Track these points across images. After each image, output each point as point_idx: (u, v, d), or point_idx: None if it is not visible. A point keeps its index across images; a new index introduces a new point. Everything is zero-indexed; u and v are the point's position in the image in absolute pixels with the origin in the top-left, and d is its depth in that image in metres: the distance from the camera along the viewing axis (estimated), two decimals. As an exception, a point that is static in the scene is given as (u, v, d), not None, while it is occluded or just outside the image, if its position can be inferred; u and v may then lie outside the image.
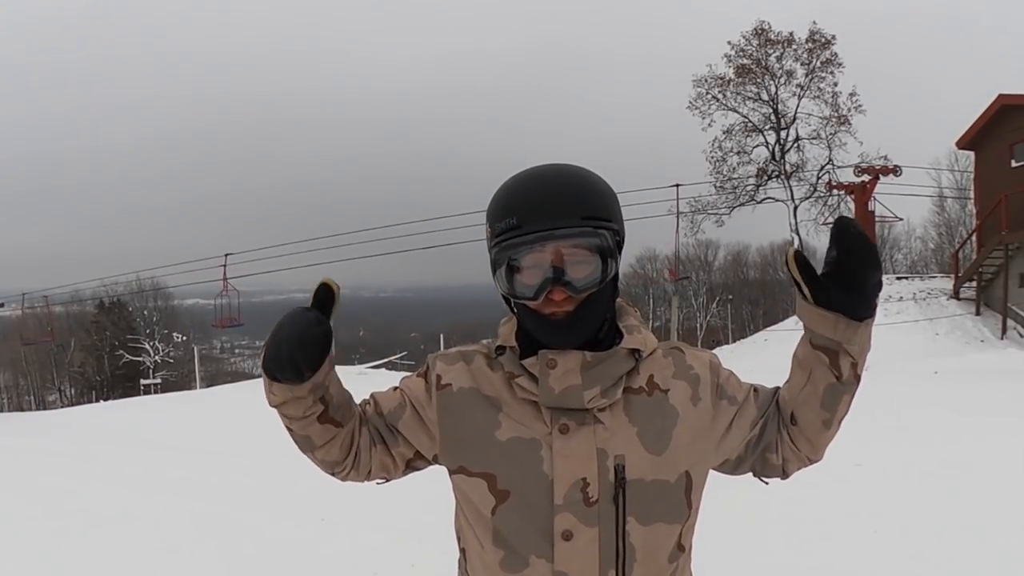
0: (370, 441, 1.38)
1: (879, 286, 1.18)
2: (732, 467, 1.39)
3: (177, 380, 43.27)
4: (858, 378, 1.26)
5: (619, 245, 1.29)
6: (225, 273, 26.62)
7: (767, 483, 1.43)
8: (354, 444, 1.36)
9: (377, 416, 1.39)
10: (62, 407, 34.09)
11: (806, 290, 1.19)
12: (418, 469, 1.43)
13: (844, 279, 1.16)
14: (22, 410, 38.46)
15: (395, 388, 1.42)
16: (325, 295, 1.22)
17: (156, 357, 44.36)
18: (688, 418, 1.30)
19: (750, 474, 1.42)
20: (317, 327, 1.18)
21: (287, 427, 1.33)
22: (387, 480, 1.44)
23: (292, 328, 1.17)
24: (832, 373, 1.25)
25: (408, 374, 1.46)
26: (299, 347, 1.17)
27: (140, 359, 44.06)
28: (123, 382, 43.98)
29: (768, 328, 26.51)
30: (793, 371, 1.31)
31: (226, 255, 26.96)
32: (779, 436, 1.35)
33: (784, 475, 1.39)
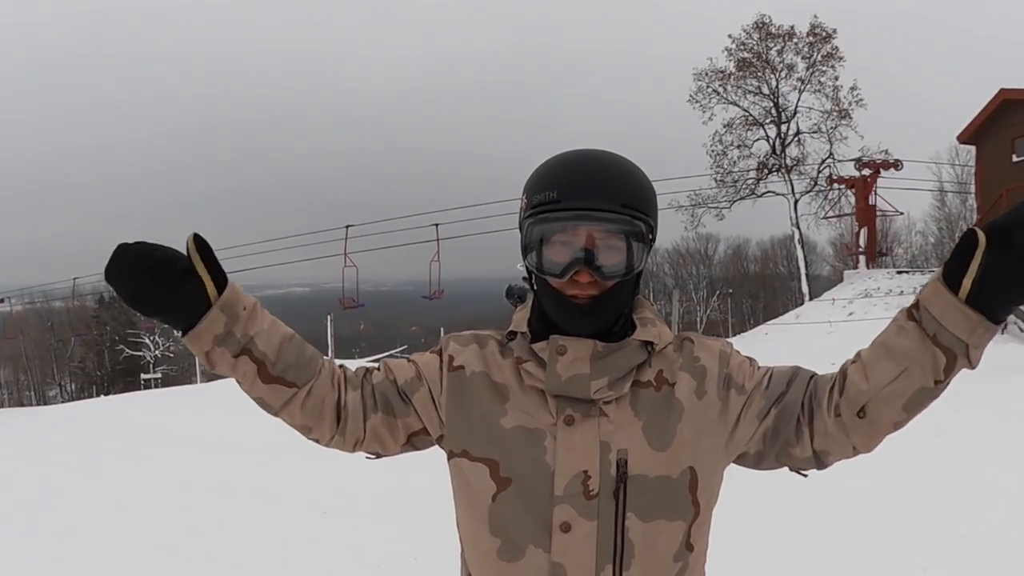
0: (364, 407, 1.32)
1: None
2: (753, 461, 1.31)
3: (178, 375, 43.25)
4: (946, 386, 1.15)
5: (651, 241, 1.27)
6: (346, 247, 24.85)
7: (806, 475, 1.32)
8: (326, 407, 1.30)
9: (389, 383, 1.34)
10: (62, 402, 34.12)
11: (969, 282, 1.05)
12: (417, 448, 1.39)
13: (1012, 279, 1.03)
14: (22, 405, 38.49)
15: (409, 360, 1.38)
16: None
17: (156, 352, 44.37)
18: (692, 412, 1.26)
19: (785, 468, 1.31)
20: (155, 252, 1.14)
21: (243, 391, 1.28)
22: (377, 456, 1.38)
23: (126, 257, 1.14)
24: (932, 376, 1.12)
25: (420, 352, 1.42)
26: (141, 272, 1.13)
27: (140, 354, 44.07)
28: (123, 377, 44.05)
29: (768, 322, 26.50)
30: (880, 361, 1.16)
31: (347, 227, 25.05)
32: (807, 428, 1.23)
33: (822, 466, 1.26)
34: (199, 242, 1.16)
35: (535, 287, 1.30)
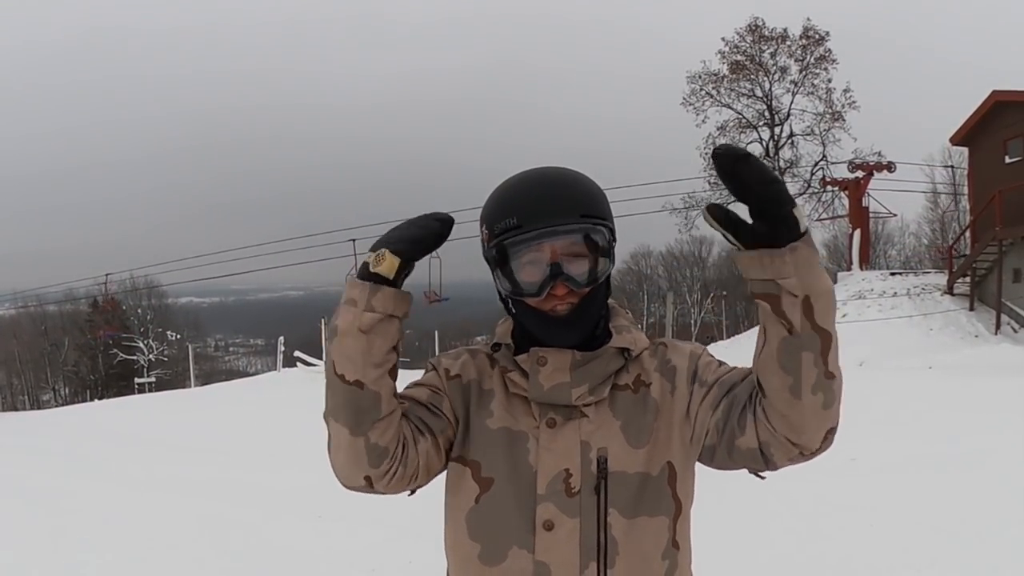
0: (415, 432, 1.29)
1: (778, 197, 1.03)
2: (708, 456, 1.27)
3: (171, 379, 43.14)
4: (819, 329, 1.06)
5: (613, 244, 1.31)
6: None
7: (763, 477, 1.27)
8: (403, 435, 1.27)
9: (416, 405, 1.33)
10: (56, 406, 34.01)
11: (731, 237, 1.07)
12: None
13: (754, 210, 1.05)
14: (16, 410, 38.33)
15: (416, 384, 1.38)
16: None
17: (150, 356, 44.24)
18: (665, 410, 1.31)
19: (745, 471, 1.26)
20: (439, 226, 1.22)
21: (352, 384, 1.19)
22: (422, 485, 1.35)
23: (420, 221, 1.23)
24: (782, 324, 1.07)
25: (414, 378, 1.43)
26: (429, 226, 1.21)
27: (134, 358, 43.93)
28: (117, 381, 43.86)
29: (763, 324, 26.49)
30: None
31: (353, 240, 23.65)
32: (751, 415, 1.17)
33: (768, 463, 1.19)
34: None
35: (513, 309, 1.34)
